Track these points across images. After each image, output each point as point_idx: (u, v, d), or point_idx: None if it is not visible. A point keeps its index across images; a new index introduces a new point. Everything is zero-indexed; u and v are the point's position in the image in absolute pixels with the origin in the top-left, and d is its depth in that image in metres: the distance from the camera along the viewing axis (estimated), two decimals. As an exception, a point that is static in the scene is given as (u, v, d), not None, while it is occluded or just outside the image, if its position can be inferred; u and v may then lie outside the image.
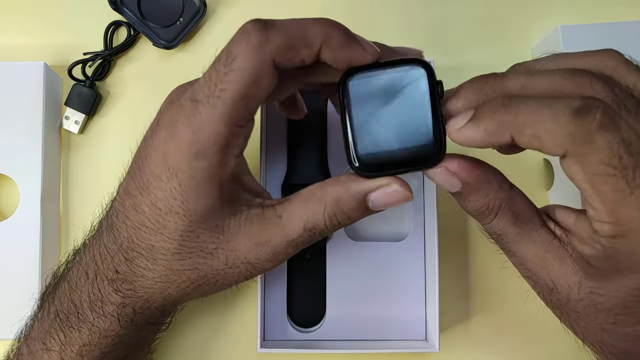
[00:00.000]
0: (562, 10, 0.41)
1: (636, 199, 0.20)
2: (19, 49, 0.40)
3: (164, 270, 0.25)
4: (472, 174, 0.23)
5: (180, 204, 0.24)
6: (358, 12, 0.41)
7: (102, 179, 0.39)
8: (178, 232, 0.24)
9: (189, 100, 0.23)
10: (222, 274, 0.26)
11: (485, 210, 0.24)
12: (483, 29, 0.41)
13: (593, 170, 0.20)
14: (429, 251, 0.36)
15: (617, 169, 0.19)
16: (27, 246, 0.36)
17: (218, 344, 0.38)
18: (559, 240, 0.24)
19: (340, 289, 0.37)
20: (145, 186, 0.24)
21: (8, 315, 0.35)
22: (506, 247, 0.25)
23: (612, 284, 0.22)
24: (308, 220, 0.24)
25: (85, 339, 0.27)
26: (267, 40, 0.22)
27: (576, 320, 0.24)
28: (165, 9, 0.39)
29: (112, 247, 0.26)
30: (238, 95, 0.22)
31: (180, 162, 0.23)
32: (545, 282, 0.24)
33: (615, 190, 0.20)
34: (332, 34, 0.23)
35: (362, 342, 0.36)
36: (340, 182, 0.24)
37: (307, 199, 0.25)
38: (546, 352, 0.38)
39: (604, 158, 0.19)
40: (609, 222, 0.21)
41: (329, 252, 0.37)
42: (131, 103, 0.40)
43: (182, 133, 0.23)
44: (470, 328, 0.39)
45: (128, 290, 0.26)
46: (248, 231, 0.25)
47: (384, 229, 0.38)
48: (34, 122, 0.37)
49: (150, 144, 0.25)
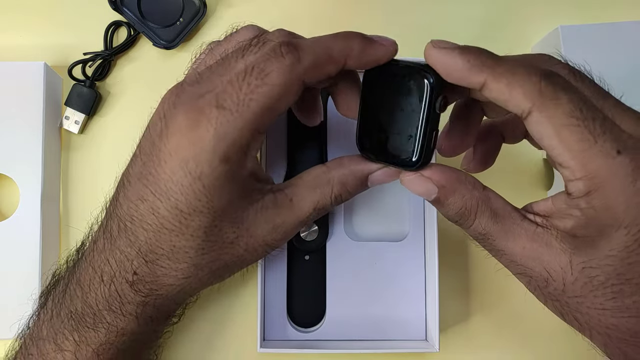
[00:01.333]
0: (562, 10, 0.41)
1: (600, 147, 0.21)
2: (19, 49, 0.40)
3: (187, 267, 0.26)
4: (444, 176, 0.26)
5: (205, 204, 0.25)
6: (357, 12, 0.41)
7: (102, 179, 0.39)
8: (201, 229, 0.25)
9: (212, 106, 0.24)
10: (242, 258, 0.27)
11: (464, 212, 0.25)
12: (483, 28, 0.41)
13: (561, 121, 0.22)
14: (428, 251, 0.36)
15: (579, 119, 0.22)
16: (27, 246, 0.36)
17: (218, 343, 0.38)
18: (541, 227, 0.25)
19: (340, 289, 0.37)
20: (164, 191, 0.25)
21: (8, 315, 0.35)
22: (494, 247, 0.25)
23: (599, 251, 0.22)
24: (318, 202, 0.28)
25: (102, 339, 0.27)
26: (298, 61, 0.24)
27: (577, 308, 0.24)
28: (165, 9, 0.39)
29: (129, 251, 0.26)
30: (266, 107, 0.24)
31: (203, 167, 0.24)
32: (538, 273, 0.24)
33: (581, 139, 0.22)
34: (352, 44, 0.25)
35: (362, 342, 0.36)
36: (344, 165, 0.28)
37: (316, 183, 0.28)
38: (546, 352, 0.38)
39: (569, 110, 0.22)
40: (581, 176, 0.22)
41: (329, 252, 0.37)
42: (131, 103, 0.40)
43: (204, 139, 0.24)
44: (470, 328, 0.39)
45: (149, 289, 0.27)
46: (264, 217, 0.27)
47: (384, 229, 0.38)
48: (34, 122, 0.37)
49: (162, 149, 0.24)
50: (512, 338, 0.39)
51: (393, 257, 0.37)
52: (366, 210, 0.38)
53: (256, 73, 0.24)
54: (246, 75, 0.24)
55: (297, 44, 0.24)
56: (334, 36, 0.25)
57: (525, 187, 0.40)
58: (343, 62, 0.25)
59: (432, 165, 0.26)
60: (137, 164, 0.26)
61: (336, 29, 0.25)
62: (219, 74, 0.25)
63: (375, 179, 0.28)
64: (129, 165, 0.27)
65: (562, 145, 0.22)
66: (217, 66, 0.25)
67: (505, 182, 0.39)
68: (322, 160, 0.37)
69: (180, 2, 0.39)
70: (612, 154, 0.21)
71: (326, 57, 0.25)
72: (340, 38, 0.25)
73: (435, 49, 0.24)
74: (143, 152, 0.26)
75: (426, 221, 0.37)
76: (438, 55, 0.24)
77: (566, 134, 0.22)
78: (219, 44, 0.28)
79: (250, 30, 0.27)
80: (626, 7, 0.41)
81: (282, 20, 0.36)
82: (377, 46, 0.25)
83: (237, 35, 0.27)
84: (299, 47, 0.24)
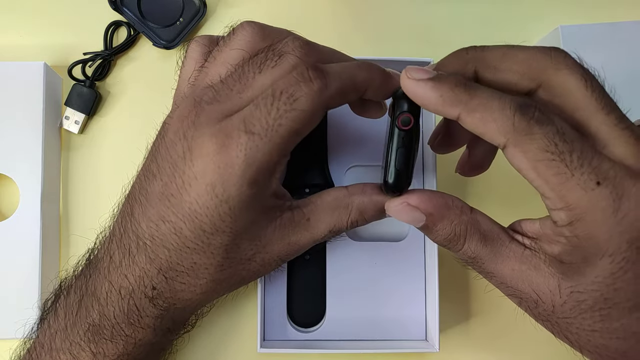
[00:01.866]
0: (562, 10, 0.41)
1: (577, 180, 0.21)
2: (19, 49, 0.40)
3: (206, 283, 0.27)
4: (431, 203, 0.25)
5: (229, 224, 0.25)
6: (358, 13, 0.41)
7: (102, 179, 0.39)
8: (222, 247, 0.26)
9: (241, 131, 0.24)
10: (257, 272, 0.28)
11: (453, 237, 0.25)
12: (483, 28, 0.41)
13: (535, 157, 0.22)
14: (428, 251, 0.36)
15: (555, 154, 0.22)
16: (27, 246, 0.36)
17: (218, 343, 0.38)
18: (529, 250, 0.25)
19: (340, 289, 0.37)
20: (188, 214, 0.25)
21: (8, 315, 0.35)
22: (484, 269, 0.26)
23: (586, 277, 0.22)
24: (334, 226, 0.28)
25: (120, 350, 0.27)
26: (326, 88, 0.24)
27: (567, 328, 0.24)
28: (165, 9, 0.39)
29: (148, 267, 0.26)
30: (294, 132, 0.24)
31: (230, 191, 0.24)
32: (528, 295, 0.24)
33: (557, 173, 0.22)
34: (375, 77, 0.26)
35: (362, 342, 0.36)
36: (366, 193, 0.28)
37: (334, 206, 0.28)
38: (546, 352, 0.38)
39: (543, 145, 0.22)
40: (562, 207, 0.22)
41: (329, 252, 0.37)
42: (131, 103, 0.40)
43: (234, 164, 0.24)
44: (470, 328, 0.39)
45: (168, 304, 0.27)
46: (281, 234, 0.27)
47: (384, 229, 0.38)
48: (34, 122, 0.37)
49: (187, 172, 0.24)
50: (512, 338, 0.39)
51: (393, 257, 0.37)
52: (366, 210, 0.38)
53: (285, 98, 0.24)
54: (274, 100, 0.24)
55: (324, 70, 0.25)
56: (358, 66, 0.26)
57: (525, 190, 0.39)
58: (364, 91, 0.26)
59: (418, 191, 0.26)
60: (157, 184, 0.26)
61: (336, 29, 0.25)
62: (237, 91, 0.25)
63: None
64: (143, 181, 0.26)
65: (539, 178, 0.22)
66: (234, 82, 0.25)
67: (505, 182, 0.39)
68: (323, 162, 0.37)
69: (180, 2, 0.39)
70: (590, 185, 0.21)
71: (351, 85, 0.25)
72: (364, 69, 0.26)
73: (409, 80, 0.24)
74: (163, 173, 0.25)
75: (426, 221, 0.37)
76: (411, 86, 0.24)
77: (542, 168, 0.22)
78: (219, 49, 0.27)
79: (250, 32, 0.27)
80: (626, 7, 0.41)
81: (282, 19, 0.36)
82: (394, 82, 0.26)
83: (238, 38, 0.27)
84: (327, 73, 0.24)
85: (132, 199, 0.27)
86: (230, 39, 0.27)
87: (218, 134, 0.24)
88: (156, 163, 0.26)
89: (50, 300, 0.30)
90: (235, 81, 0.25)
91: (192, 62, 0.28)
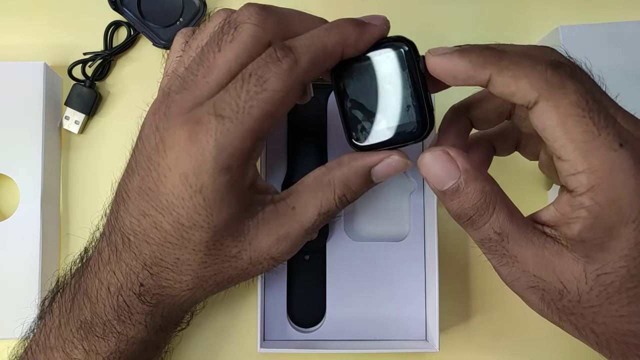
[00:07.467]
0: (562, 10, 0.41)
1: (603, 139, 0.21)
2: (19, 49, 0.40)
3: (191, 279, 0.26)
4: (468, 161, 0.24)
5: (205, 218, 0.24)
6: (358, 12, 0.41)
7: (102, 179, 0.39)
8: (203, 244, 0.25)
9: (211, 115, 0.23)
10: (247, 271, 0.27)
11: (482, 205, 0.23)
12: (483, 28, 0.41)
13: (567, 111, 0.21)
14: (428, 251, 0.36)
15: (585, 110, 0.21)
16: (27, 246, 0.36)
17: (218, 343, 0.38)
18: (550, 237, 0.23)
19: (340, 289, 0.37)
20: (165, 206, 0.24)
21: (8, 315, 0.35)
22: (507, 251, 0.24)
23: (611, 253, 0.22)
24: (321, 206, 0.26)
25: (113, 347, 0.27)
26: (296, 64, 0.23)
27: (594, 319, 0.23)
28: (165, 9, 0.39)
29: (134, 264, 0.26)
30: (267, 113, 0.23)
31: (203, 179, 0.23)
32: (552, 285, 0.23)
33: (585, 130, 0.21)
34: (347, 33, 0.25)
35: (362, 342, 0.36)
36: (344, 164, 0.27)
37: (316, 187, 0.26)
38: (546, 352, 0.38)
39: (575, 100, 0.21)
40: (584, 169, 0.21)
41: (329, 252, 0.37)
42: (131, 103, 0.40)
43: (205, 150, 0.23)
44: (470, 328, 0.39)
45: (156, 300, 0.27)
46: (267, 229, 0.26)
47: (384, 229, 0.38)
48: (34, 122, 0.37)
49: (161, 164, 0.24)
50: (512, 338, 0.39)
51: (393, 257, 0.37)
52: (366, 210, 0.38)
53: (254, 80, 0.23)
54: (244, 83, 0.23)
55: (291, 46, 0.24)
56: (327, 29, 0.25)
57: (526, 187, 0.40)
58: (340, 53, 0.25)
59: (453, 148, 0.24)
60: (135, 179, 0.25)
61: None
62: (202, 75, 0.24)
63: (379, 171, 0.26)
64: (125, 178, 0.26)
65: (566, 136, 0.21)
66: (197, 66, 0.24)
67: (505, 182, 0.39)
68: (323, 162, 0.37)
69: (180, 2, 0.39)
70: (614, 146, 0.21)
71: (323, 53, 0.24)
72: (334, 30, 0.25)
73: (435, 56, 0.23)
74: (140, 167, 0.25)
75: (426, 221, 0.37)
76: (438, 62, 0.23)
77: (571, 124, 0.21)
78: (194, 37, 0.27)
79: (223, 17, 0.26)
80: (626, 7, 0.41)
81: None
82: (371, 28, 0.25)
83: (210, 24, 0.26)
84: (294, 49, 0.24)
85: (117, 196, 0.27)
86: (205, 26, 0.27)
87: (188, 122, 0.23)
88: (134, 158, 0.26)
89: (48, 299, 0.30)
90: (198, 65, 0.24)
91: (173, 54, 0.28)
